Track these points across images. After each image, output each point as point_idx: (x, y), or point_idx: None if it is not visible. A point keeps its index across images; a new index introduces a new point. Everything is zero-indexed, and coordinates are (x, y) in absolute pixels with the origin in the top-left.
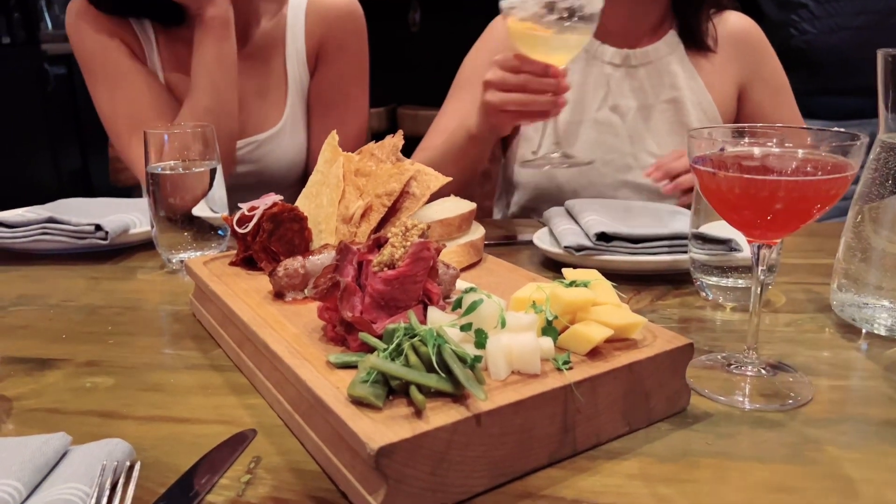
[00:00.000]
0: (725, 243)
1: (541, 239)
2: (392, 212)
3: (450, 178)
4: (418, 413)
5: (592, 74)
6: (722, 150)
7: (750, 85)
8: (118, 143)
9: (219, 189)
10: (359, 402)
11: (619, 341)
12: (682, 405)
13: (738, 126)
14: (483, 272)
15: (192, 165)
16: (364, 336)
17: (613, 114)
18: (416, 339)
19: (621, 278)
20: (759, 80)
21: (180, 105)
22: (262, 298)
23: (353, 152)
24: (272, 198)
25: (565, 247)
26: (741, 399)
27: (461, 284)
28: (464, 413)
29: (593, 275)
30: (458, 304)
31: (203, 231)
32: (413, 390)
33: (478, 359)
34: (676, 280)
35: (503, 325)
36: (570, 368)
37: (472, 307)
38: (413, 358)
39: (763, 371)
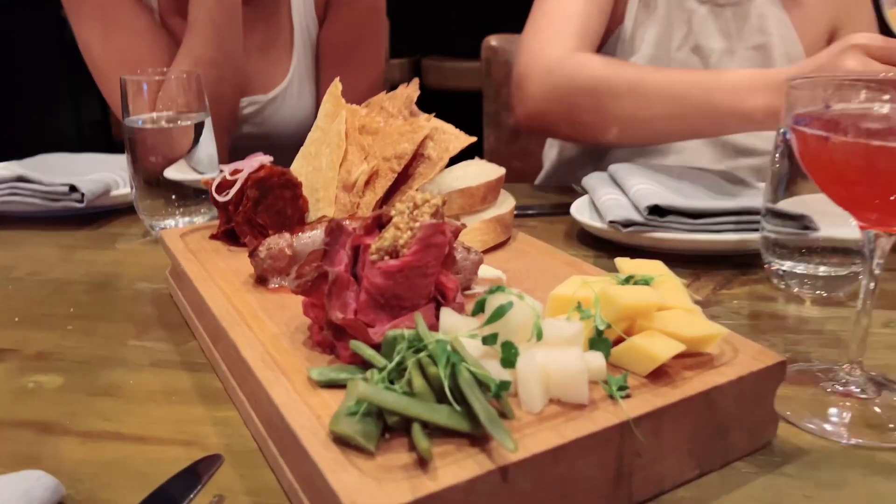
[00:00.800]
0: (799, 220)
1: (580, 210)
2: (403, 178)
3: (474, 139)
4: (422, 463)
5: (676, 8)
6: (827, 107)
7: (842, 35)
8: (106, 87)
9: (206, 147)
10: (345, 442)
11: (689, 356)
12: (767, 439)
13: (853, 76)
14: (512, 255)
15: (178, 118)
16: (356, 346)
17: (694, 55)
18: (423, 353)
19: (677, 260)
20: (853, 30)
21: None
22: (241, 284)
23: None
24: (259, 158)
25: (610, 222)
26: (843, 431)
27: (485, 272)
28: (485, 465)
29: (657, 268)
30: (481, 307)
31: (190, 196)
32: (416, 430)
33: (505, 385)
34: (743, 263)
35: (539, 336)
36: (628, 396)
37: (499, 313)
38: (418, 382)
39: (868, 390)
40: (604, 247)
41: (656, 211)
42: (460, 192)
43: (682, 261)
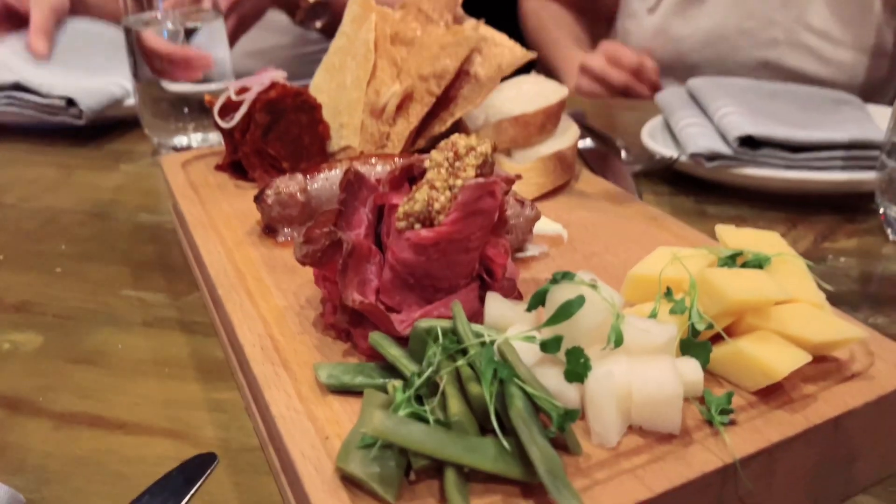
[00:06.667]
0: None
1: (652, 135)
2: (443, 102)
3: (534, 55)
4: None
5: None
6: None
7: None
8: None
9: (214, 46)
10: (355, 483)
11: (811, 362)
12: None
13: None
14: (574, 201)
15: (186, 19)
16: (377, 341)
17: None
18: (462, 361)
19: (769, 202)
20: None
21: None
22: (245, 234)
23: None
24: (270, 74)
25: (692, 154)
26: None
27: (542, 226)
28: None
29: (772, 241)
30: (540, 299)
31: (203, 108)
32: (450, 481)
33: (572, 416)
34: (849, 207)
35: (618, 342)
36: (732, 423)
37: (566, 312)
38: (455, 406)
39: None
40: (681, 182)
41: (748, 142)
42: (513, 121)
43: (776, 203)
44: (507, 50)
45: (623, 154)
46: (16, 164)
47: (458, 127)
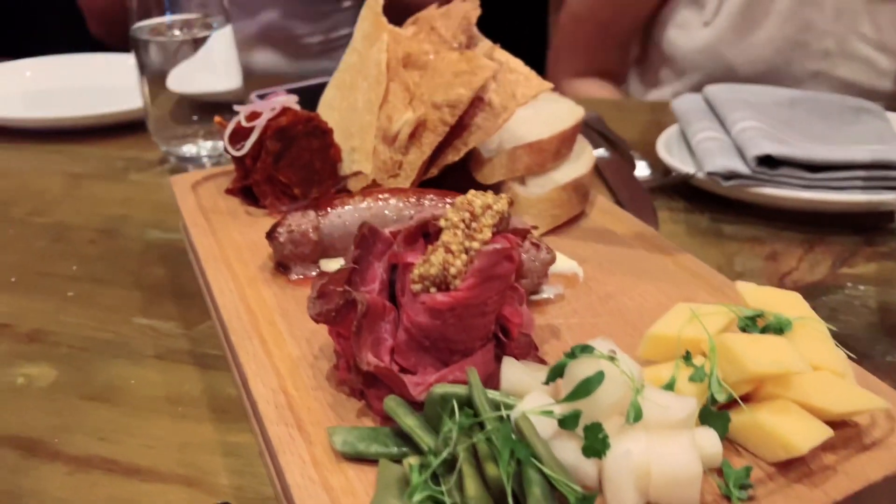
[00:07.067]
0: None
1: (668, 146)
2: (457, 130)
3: (549, 85)
4: None
5: None
6: None
7: None
8: None
9: (222, 51)
10: None
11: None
12: None
13: None
14: (590, 232)
15: (192, 24)
16: (392, 409)
17: None
18: (480, 437)
19: (788, 220)
20: None
21: None
22: (258, 269)
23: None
24: (280, 99)
25: (709, 173)
26: None
27: (558, 265)
28: None
29: (794, 303)
30: (559, 372)
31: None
32: None
33: (590, 500)
34: (870, 227)
35: (637, 416)
36: (751, 499)
37: (584, 389)
38: (472, 487)
39: None
40: (697, 197)
41: (766, 160)
42: (528, 148)
43: (794, 221)
44: (522, 77)
45: (638, 166)
46: (23, 174)
47: (472, 154)
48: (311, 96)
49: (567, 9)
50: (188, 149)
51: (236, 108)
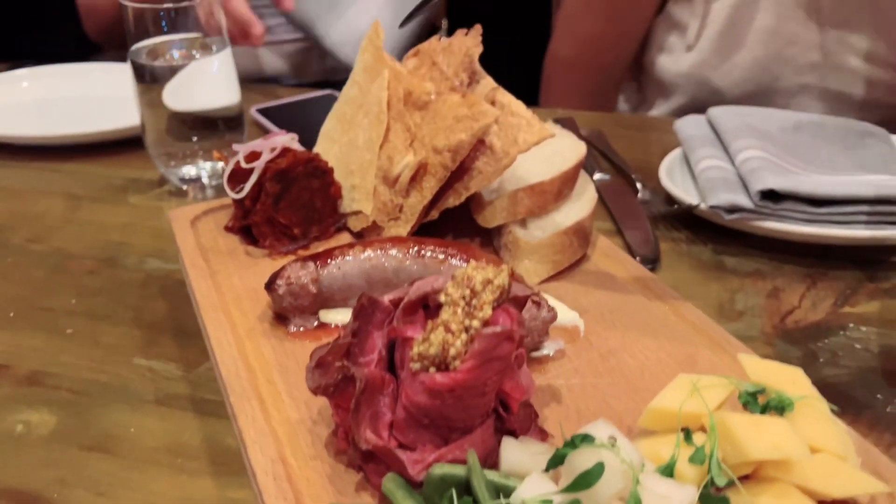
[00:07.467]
0: None
1: (670, 173)
2: (458, 174)
3: (551, 134)
4: None
5: None
6: None
7: None
8: None
9: (221, 67)
10: None
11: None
12: None
13: None
14: (591, 279)
15: (192, 45)
16: (391, 492)
17: None
18: None
19: (790, 253)
20: None
21: None
22: (257, 319)
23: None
24: (280, 139)
25: (712, 206)
26: None
27: (559, 317)
28: None
29: (796, 379)
30: (559, 461)
31: (216, 133)
32: None
33: None
34: (872, 263)
35: None
36: None
37: (584, 482)
38: None
39: None
40: (699, 227)
41: (770, 194)
42: (529, 190)
43: (796, 254)
44: (524, 122)
45: (640, 191)
46: (23, 196)
47: (472, 196)
48: (311, 110)
49: (555, 53)
50: (187, 170)
51: (235, 147)
